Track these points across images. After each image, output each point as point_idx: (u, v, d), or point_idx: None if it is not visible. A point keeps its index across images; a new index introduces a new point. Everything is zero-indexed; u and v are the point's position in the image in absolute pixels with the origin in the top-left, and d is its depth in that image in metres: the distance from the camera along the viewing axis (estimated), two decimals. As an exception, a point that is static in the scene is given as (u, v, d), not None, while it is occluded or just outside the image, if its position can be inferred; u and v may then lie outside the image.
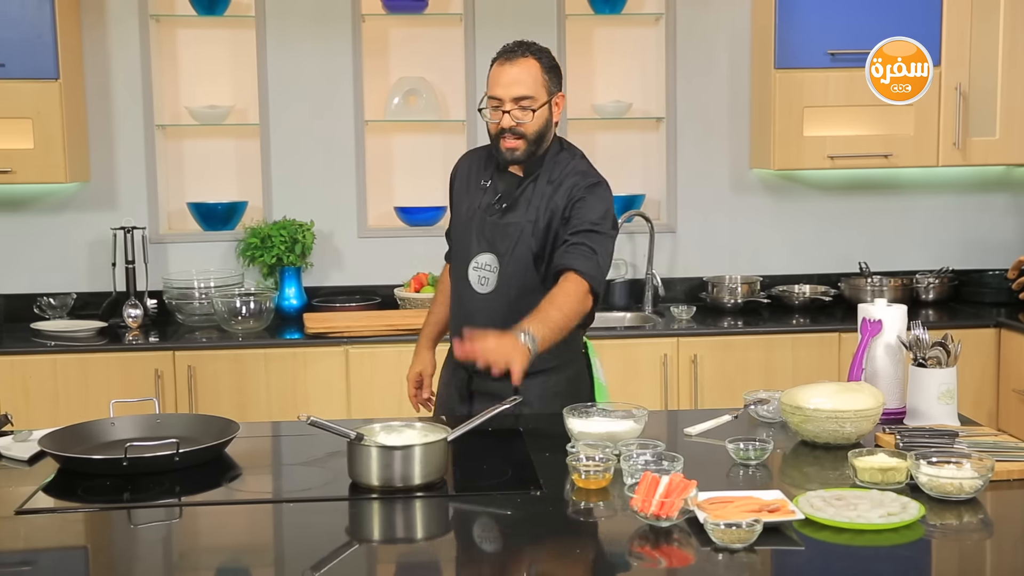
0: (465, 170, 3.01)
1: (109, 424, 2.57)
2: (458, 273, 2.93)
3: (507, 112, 2.75)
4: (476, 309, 2.86)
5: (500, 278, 2.84)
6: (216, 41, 4.64)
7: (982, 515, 2.09)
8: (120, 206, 4.57)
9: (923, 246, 4.88)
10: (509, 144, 2.79)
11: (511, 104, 2.75)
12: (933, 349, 2.66)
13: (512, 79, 2.74)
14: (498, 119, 2.77)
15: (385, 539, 2.14)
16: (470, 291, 2.88)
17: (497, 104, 2.76)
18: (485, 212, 2.89)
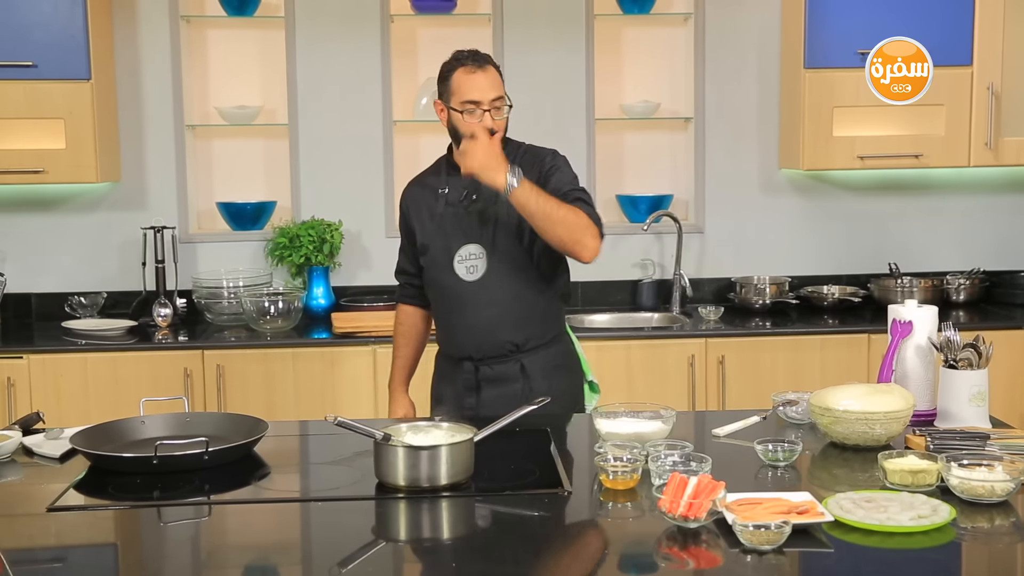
0: (414, 195, 3.15)
1: (139, 422, 2.59)
2: (440, 272, 3.04)
3: (487, 111, 2.92)
4: (470, 296, 3.00)
5: (489, 263, 2.98)
6: (246, 41, 4.67)
7: (1014, 518, 2.07)
8: (150, 206, 4.60)
9: (954, 247, 4.84)
10: None
11: (488, 105, 2.92)
12: (964, 351, 2.64)
13: (487, 84, 2.93)
14: (478, 119, 2.91)
15: (411, 539, 2.14)
16: (459, 283, 3.01)
17: (474, 107, 2.92)
18: (456, 208, 3.02)
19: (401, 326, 3.29)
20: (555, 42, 4.65)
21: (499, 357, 3.01)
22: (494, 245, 2.98)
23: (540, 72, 4.65)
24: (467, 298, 3.00)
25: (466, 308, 3.00)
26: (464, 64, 2.95)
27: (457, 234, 3.01)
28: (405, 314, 3.28)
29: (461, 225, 3.01)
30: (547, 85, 4.66)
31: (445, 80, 2.98)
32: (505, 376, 3.00)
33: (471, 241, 3.00)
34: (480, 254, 2.99)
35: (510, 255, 2.99)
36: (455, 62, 2.97)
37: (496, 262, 2.98)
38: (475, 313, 2.99)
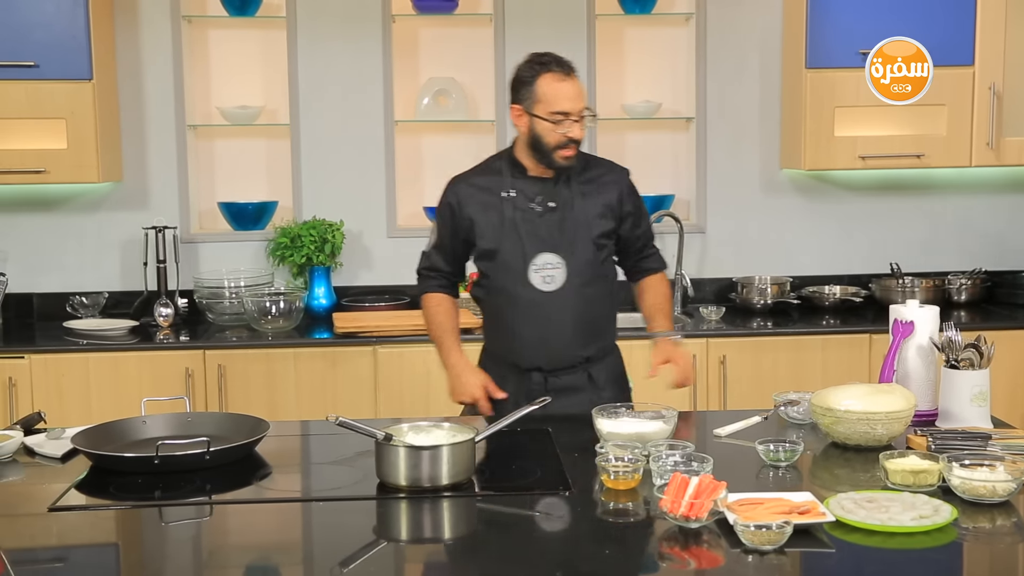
0: (469, 194, 3.07)
1: (141, 422, 2.59)
2: (513, 281, 2.98)
3: (576, 121, 2.90)
4: (546, 306, 2.95)
5: (568, 273, 2.95)
6: (247, 42, 4.67)
7: (1015, 518, 2.07)
8: (152, 206, 4.60)
9: (955, 247, 4.84)
10: (569, 153, 2.93)
11: (577, 116, 2.90)
12: (966, 351, 2.64)
13: (577, 93, 2.91)
14: (566, 129, 2.89)
15: (413, 539, 2.14)
16: (533, 292, 2.95)
17: (562, 118, 2.88)
18: (528, 214, 2.97)
19: (439, 306, 3.13)
20: (556, 42, 4.60)
21: (569, 368, 2.99)
22: (573, 255, 2.95)
23: (541, 72, 4.64)
24: (543, 309, 2.95)
25: (541, 319, 2.95)
26: (551, 70, 2.90)
27: (533, 241, 2.96)
28: (438, 299, 3.14)
29: (538, 232, 2.96)
30: (548, 85, 4.65)
31: (528, 85, 2.91)
32: (573, 386, 2.97)
33: (548, 250, 2.95)
34: (558, 264, 2.95)
35: (587, 266, 2.97)
36: (539, 66, 2.91)
37: (574, 273, 2.95)
38: (550, 325, 2.95)
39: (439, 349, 3.10)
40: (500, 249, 2.99)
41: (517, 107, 2.95)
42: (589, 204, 3.00)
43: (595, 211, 3.00)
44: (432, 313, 3.13)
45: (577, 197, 2.99)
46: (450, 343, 3.08)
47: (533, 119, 2.91)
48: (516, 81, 2.95)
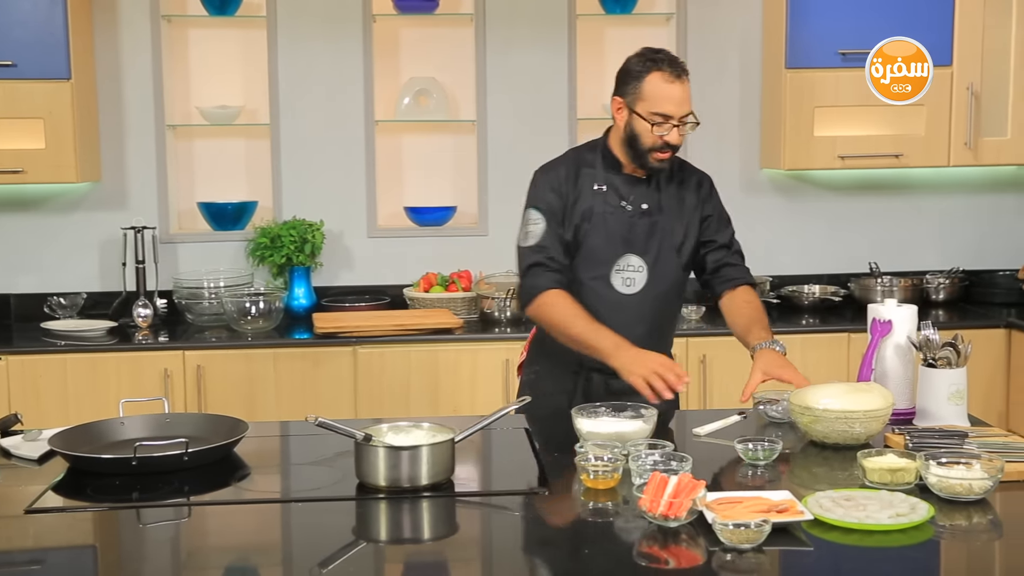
0: (569, 180, 2.92)
1: (118, 423, 2.57)
2: (594, 278, 2.89)
3: (676, 127, 2.80)
4: (623, 309, 2.89)
5: (648, 278, 2.90)
6: (227, 41, 4.65)
7: (991, 516, 2.08)
8: (131, 206, 4.58)
9: (933, 246, 4.87)
10: (664, 156, 2.84)
11: (679, 121, 2.80)
12: (943, 349, 2.66)
13: (684, 98, 2.80)
14: (664, 133, 2.80)
15: (392, 539, 2.14)
16: (612, 292, 2.89)
17: (663, 120, 2.79)
18: (619, 214, 2.89)
19: (566, 298, 2.84)
20: (537, 42, 4.65)
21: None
22: (657, 260, 2.90)
23: (522, 72, 4.65)
24: (619, 311, 2.87)
25: (614, 321, 2.82)
26: (662, 69, 2.78)
27: (618, 241, 2.88)
28: (565, 296, 2.85)
29: (625, 233, 2.88)
30: (529, 85, 4.66)
31: (636, 80, 2.80)
32: (633, 389, 2.70)
33: (633, 252, 2.89)
34: (640, 267, 2.89)
35: (668, 272, 2.92)
36: (650, 63, 2.79)
37: (654, 277, 2.90)
38: (625, 328, 2.82)
39: (589, 338, 2.78)
40: (585, 244, 2.89)
41: (619, 100, 2.85)
42: (675, 209, 2.94)
43: (679, 217, 2.94)
44: (565, 305, 2.83)
45: (665, 201, 2.93)
46: (602, 328, 2.78)
47: (633, 116, 2.82)
48: (624, 73, 2.84)
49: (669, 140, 2.79)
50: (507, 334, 4.21)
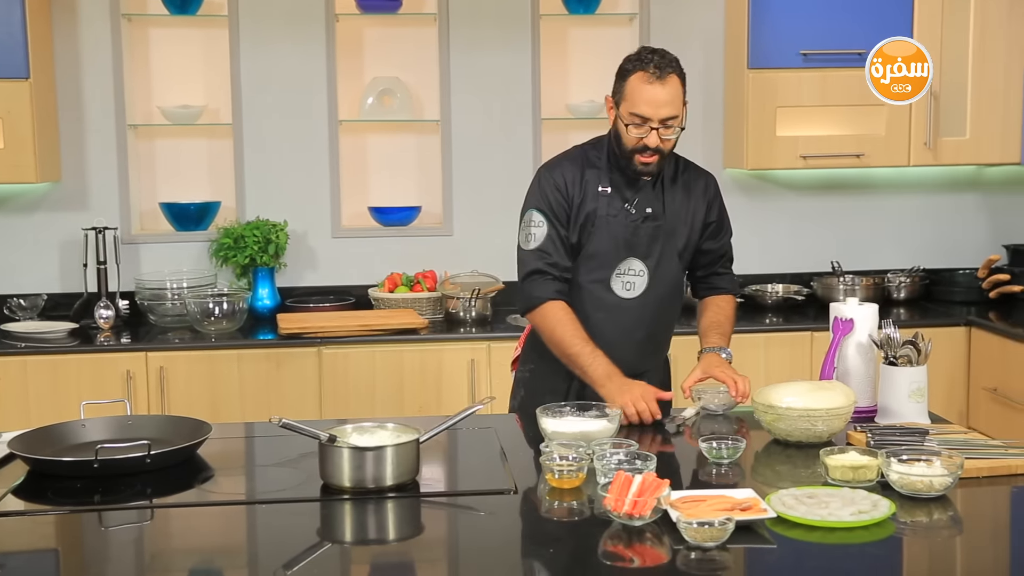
0: (574, 182, 2.89)
1: (80, 426, 2.55)
2: (592, 279, 2.89)
3: (655, 129, 2.76)
4: (620, 312, 2.89)
5: (649, 282, 2.90)
6: (189, 41, 4.62)
7: (952, 512, 2.10)
8: (91, 206, 4.53)
9: (895, 245, 4.91)
10: (646, 159, 2.81)
11: (658, 123, 2.76)
12: (904, 348, 2.68)
13: (663, 100, 2.74)
14: (643, 135, 2.77)
15: (357, 540, 2.13)
16: (612, 296, 2.89)
17: (641, 122, 2.76)
18: (622, 217, 2.87)
19: (568, 314, 2.83)
20: (501, 42, 4.65)
21: (628, 376, 2.78)
22: (658, 264, 2.89)
23: (486, 72, 4.65)
24: (619, 315, 2.88)
25: (613, 325, 2.88)
26: (645, 69, 2.74)
27: (621, 246, 2.86)
28: (566, 309, 2.83)
29: (628, 237, 2.86)
30: (493, 85, 4.66)
31: (622, 79, 2.79)
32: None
33: (635, 255, 2.88)
34: (641, 271, 2.88)
35: (668, 275, 2.92)
36: (637, 62, 2.76)
37: (655, 281, 2.90)
38: (623, 331, 2.87)
39: (584, 361, 2.78)
40: (587, 247, 2.87)
41: (609, 99, 2.85)
42: (679, 213, 2.92)
43: (683, 220, 2.93)
44: (565, 321, 2.82)
45: (669, 203, 2.91)
46: (598, 352, 2.79)
47: (618, 116, 2.81)
48: (617, 71, 2.82)
49: (648, 143, 2.76)
50: (472, 334, 4.21)
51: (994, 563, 1.96)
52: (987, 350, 4.20)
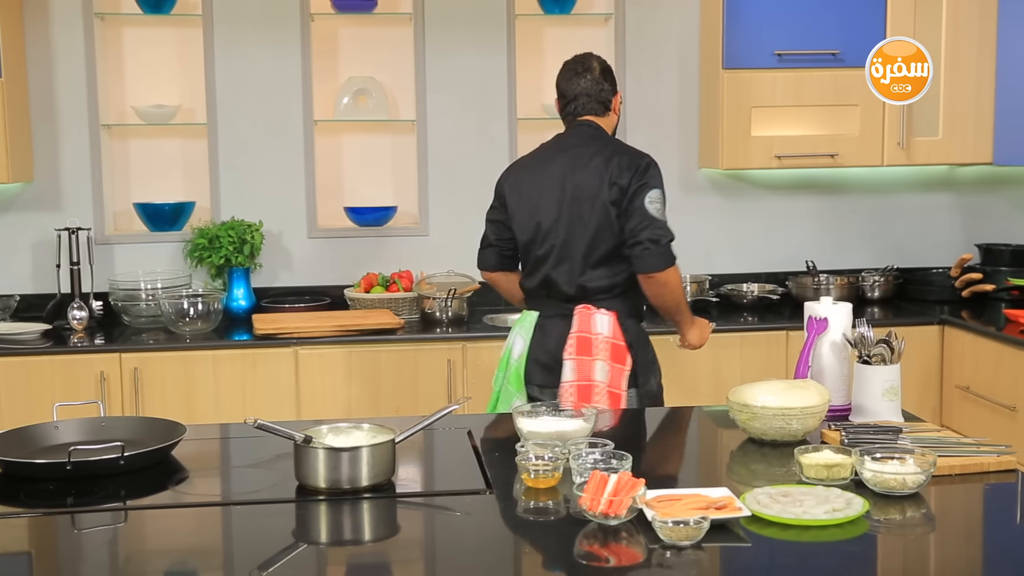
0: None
1: (52, 427, 2.53)
2: None
3: None
4: None
5: None
6: (163, 40, 4.59)
7: (925, 510, 2.12)
8: (65, 207, 4.50)
9: (869, 245, 4.94)
10: None
11: None
12: (877, 346, 2.70)
13: None
14: None
15: (333, 541, 2.13)
16: None
17: None
18: None
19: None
20: (476, 42, 4.65)
21: None
22: None
23: (462, 72, 4.65)
24: None
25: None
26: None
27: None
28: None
29: None
30: (469, 85, 4.66)
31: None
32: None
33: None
34: None
35: None
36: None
37: None
38: None
39: (689, 311, 3.42)
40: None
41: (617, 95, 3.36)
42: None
43: None
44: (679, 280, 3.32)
45: None
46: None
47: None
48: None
49: None
50: (448, 334, 4.20)
51: (967, 560, 1.98)
52: (960, 349, 4.24)
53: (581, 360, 3.15)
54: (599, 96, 3.29)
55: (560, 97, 3.36)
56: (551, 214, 3.22)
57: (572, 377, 3.15)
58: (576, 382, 3.14)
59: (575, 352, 3.15)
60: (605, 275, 3.20)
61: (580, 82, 3.29)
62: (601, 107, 3.30)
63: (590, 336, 3.16)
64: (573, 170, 3.22)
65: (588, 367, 3.14)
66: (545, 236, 3.23)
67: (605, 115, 3.32)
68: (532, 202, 3.26)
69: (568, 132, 3.34)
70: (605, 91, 3.30)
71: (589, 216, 3.17)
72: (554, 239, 3.21)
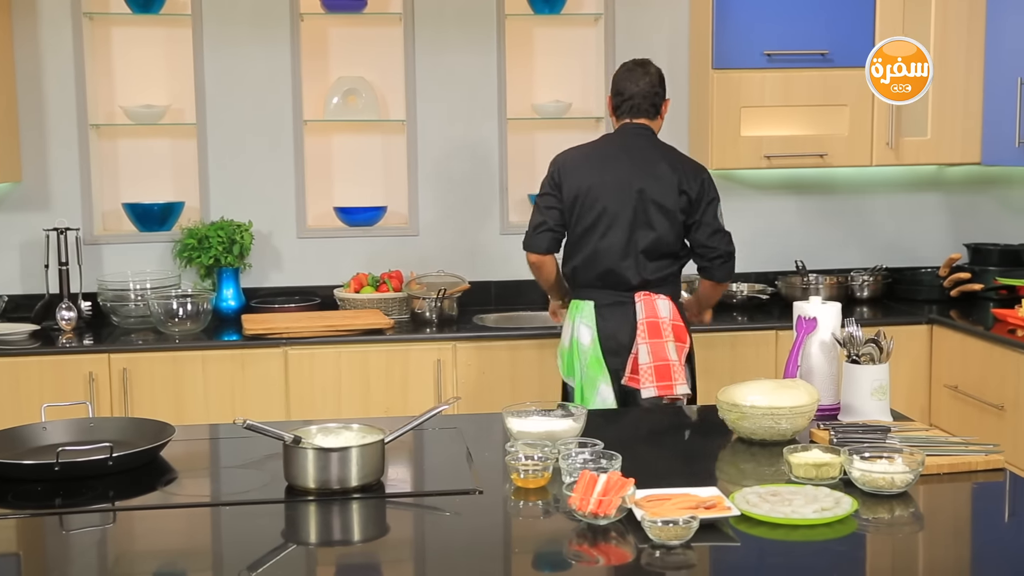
0: None
1: (41, 428, 2.53)
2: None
3: None
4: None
5: None
6: (152, 40, 4.58)
7: (913, 509, 2.12)
8: (53, 207, 4.49)
9: (858, 244, 4.95)
10: None
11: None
12: (866, 346, 2.70)
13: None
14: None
15: (322, 541, 2.12)
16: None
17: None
18: None
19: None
20: (466, 42, 4.65)
21: None
22: None
23: (452, 72, 4.65)
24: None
25: None
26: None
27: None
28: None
29: None
30: (459, 85, 4.66)
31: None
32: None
33: None
34: None
35: None
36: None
37: None
38: None
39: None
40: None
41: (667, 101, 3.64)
42: None
43: None
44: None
45: None
46: None
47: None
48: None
49: None
50: (438, 334, 4.20)
51: (955, 559, 1.99)
52: (948, 348, 4.25)
53: (655, 343, 3.42)
54: (653, 99, 3.57)
55: (616, 94, 3.59)
56: (616, 210, 3.47)
57: (649, 360, 3.40)
58: (654, 363, 3.40)
59: (647, 336, 3.43)
60: (663, 267, 3.51)
61: (640, 83, 3.55)
62: (653, 110, 3.58)
63: (657, 320, 3.45)
64: (641, 171, 3.48)
65: (662, 349, 3.42)
66: (607, 229, 3.47)
67: (655, 119, 3.60)
68: (594, 195, 3.49)
69: (626, 132, 3.59)
70: (659, 95, 3.58)
71: (657, 218, 3.46)
72: (619, 234, 3.46)
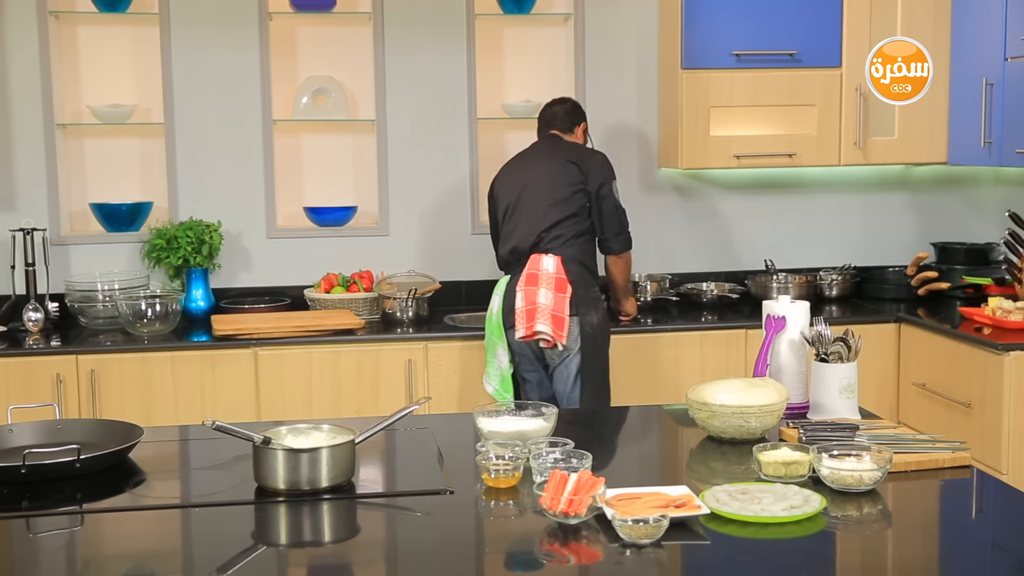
0: None
1: (7, 431, 2.50)
2: None
3: None
4: None
5: None
6: (119, 39, 4.55)
7: (881, 506, 2.14)
8: (19, 207, 4.45)
9: (826, 243, 4.98)
10: None
11: None
12: (835, 344, 2.72)
13: None
14: None
15: (292, 543, 2.12)
16: None
17: None
18: None
19: None
20: (436, 41, 4.64)
21: None
22: None
23: (421, 71, 4.64)
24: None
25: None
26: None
27: None
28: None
29: None
30: (428, 84, 4.65)
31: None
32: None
33: None
34: None
35: None
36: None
37: None
38: None
39: None
40: None
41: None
42: None
43: None
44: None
45: None
46: None
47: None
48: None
49: None
50: (409, 334, 4.20)
51: (924, 555, 2.00)
52: (916, 346, 4.28)
53: (528, 290, 3.77)
54: (564, 117, 4.15)
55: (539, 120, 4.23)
56: (512, 197, 4.01)
57: (521, 304, 3.76)
58: (525, 308, 3.74)
59: (524, 285, 3.79)
60: (555, 232, 3.87)
61: (554, 107, 4.16)
62: (565, 125, 4.15)
63: (537, 272, 3.79)
64: (537, 162, 4.00)
65: (534, 294, 3.76)
66: (512, 213, 3.97)
67: (568, 132, 4.13)
68: (501, 193, 4.05)
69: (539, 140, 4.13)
70: (570, 115, 4.17)
71: (546, 192, 3.93)
72: (520, 215, 3.94)
